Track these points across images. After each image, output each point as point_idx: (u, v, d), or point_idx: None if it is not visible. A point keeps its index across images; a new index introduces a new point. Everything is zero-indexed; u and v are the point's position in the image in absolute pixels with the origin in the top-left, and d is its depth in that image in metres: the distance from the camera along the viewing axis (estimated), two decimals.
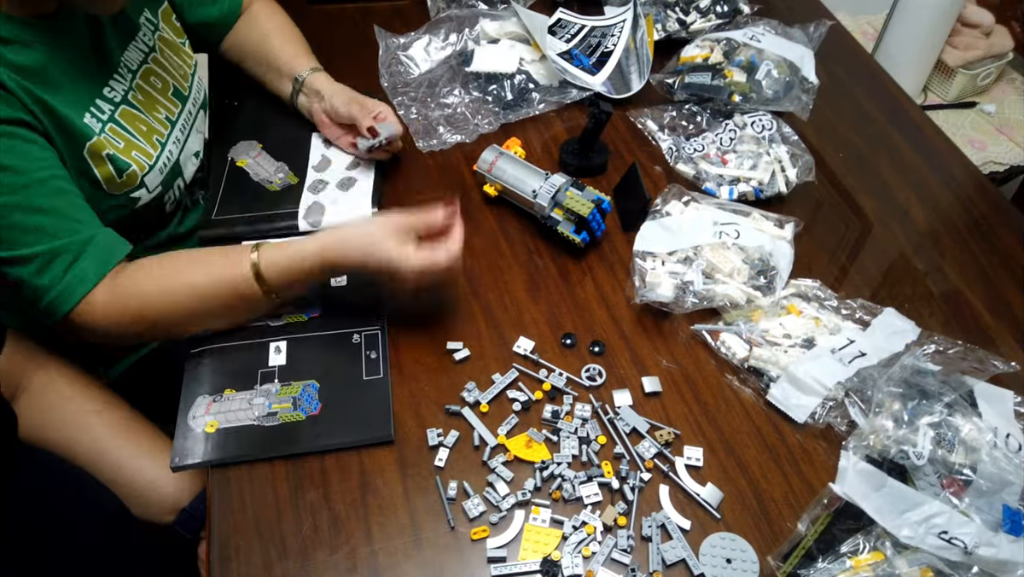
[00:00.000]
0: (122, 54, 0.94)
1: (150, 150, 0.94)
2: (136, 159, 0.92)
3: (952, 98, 1.99)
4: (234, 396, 0.86)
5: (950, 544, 0.72)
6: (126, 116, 0.92)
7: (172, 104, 1.00)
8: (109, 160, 0.88)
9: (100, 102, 0.89)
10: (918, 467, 0.77)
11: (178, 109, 1.01)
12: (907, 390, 0.83)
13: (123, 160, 0.90)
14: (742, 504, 0.80)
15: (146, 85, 0.97)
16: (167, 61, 1.01)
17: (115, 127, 0.90)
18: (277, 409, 0.85)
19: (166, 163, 0.97)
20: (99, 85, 0.90)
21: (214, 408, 0.85)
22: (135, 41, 0.97)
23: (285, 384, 0.87)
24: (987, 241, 1.09)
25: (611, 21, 1.28)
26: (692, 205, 1.04)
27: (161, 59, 1.00)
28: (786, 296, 0.95)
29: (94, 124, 0.88)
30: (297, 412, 0.85)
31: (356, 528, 0.77)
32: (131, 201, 0.93)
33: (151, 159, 0.94)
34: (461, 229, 0.88)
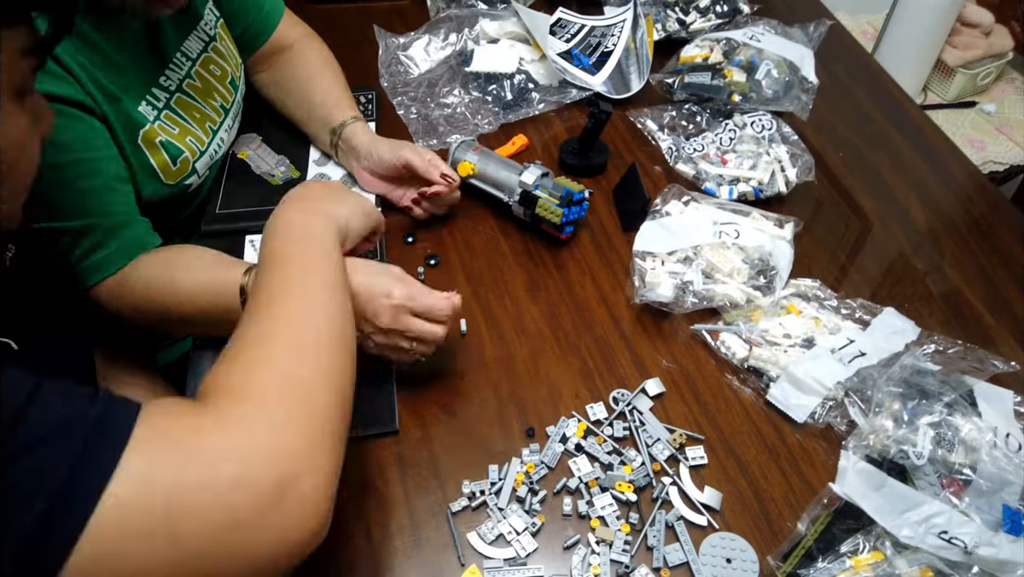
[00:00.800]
0: (181, 43, 0.95)
1: (203, 136, 0.96)
2: (189, 144, 0.93)
3: (952, 98, 1.99)
4: None
5: (950, 544, 0.72)
6: (180, 103, 0.94)
7: (228, 92, 1.02)
8: (163, 147, 0.90)
9: (156, 90, 0.91)
10: (918, 467, 0.77)
11: (232, 98, 1.03)
12: (907, 390, 0.83)
13: (176, 146, 0.91)
14: (742, 504, 0.80)
15: (205, 72, 0.98)
16: (226, 50, 1.03)
17: (170, 113, 0.92)
18: None
19: (216, 150, 0.99)
20: (155, 75, 0.91)
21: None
22: (197, 31, 0.98)
23: None
24: (987, 241, 1.09)
25: (611, 21, 1.28)
26: (692, 205, 1.04)
27: (221, 48, 1.01)
28: (786, 296, 0.95)
29: (149, 112, 0.89)
30: None
31: (356, 528, 0.77)
32: (184, 187, 0.95)
33: (203, 145, 0.96)
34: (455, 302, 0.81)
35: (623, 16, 1.28)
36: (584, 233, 1.05)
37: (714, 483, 0.81)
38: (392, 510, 0.78)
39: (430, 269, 1.01)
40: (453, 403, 0.87)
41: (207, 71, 0.99)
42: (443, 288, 0.92)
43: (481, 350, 0.92)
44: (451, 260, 1.01)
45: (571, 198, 0.97)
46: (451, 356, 0.91)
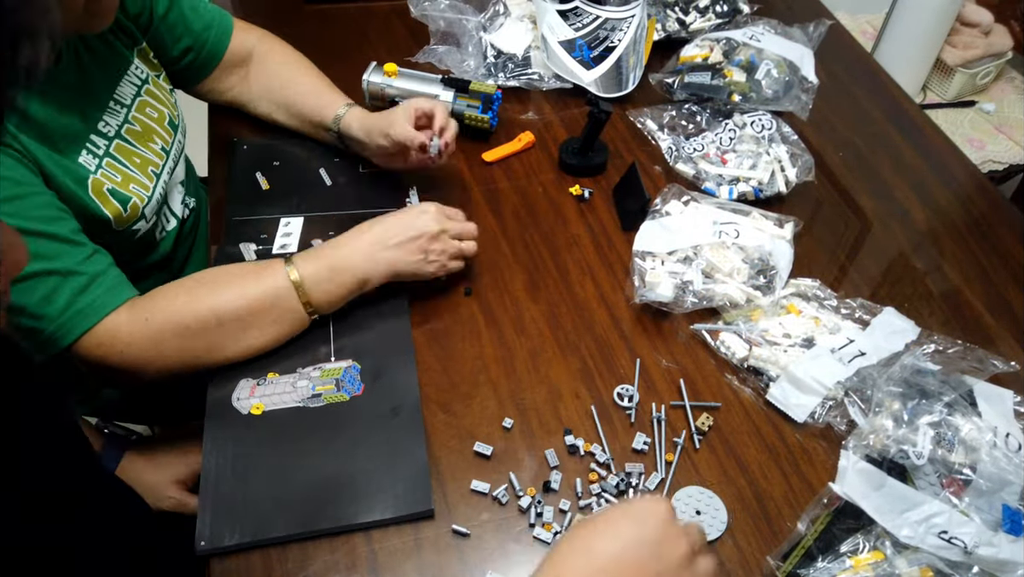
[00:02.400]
0: (115, 89, 0.92)
1: (147, 181, 0.92)
2: (135, 192, 0.90)
3: (951, 97, 1.99)
4: (277, 379, 0.86)
5: (950, 544, 0.72)
6: (120, 150, 0.90)
7: (167, 133, 0.98)
8: (112, 196, 0.87)
9: (95, 137, 0.87)
10: (918, 467, 0.77)
11: (171, 138, 0.99)
12: (907, 390, 0.83)
13: (123, 193, 0.88)
14: (742, 503, 0.80)
15: (143, 116, 0.95)
16: (160, 92, 0.99)
17: (111, 161, 0.88)
18: (321, 391, 0.85)
19: (162, 192, 0.95)
20: (93, 121, 0.88)
21: (258, 391, 0.85)
22: (128, 75, 0.94)
23: (327, 365, 0.87)
24: (987, 240, 1.09)
25: (624, 15, 1.27)
26: (692, 205, 1.04)
27: (155, 90, 0.98)
28: (786, 296, 0.95)
29: (90, 162, 0.85)
30: (341, 393, 0.85)
31: (356, 528, 0.77)
32: (132, 233, 0.92)
33: (149, 190, 0.92)
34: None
35: (634, 11, 1.27)
36: (584, 233, 1.06)
37: (714, 483, 0.81)
38: None
39: None
40: (452, 403, 0.87)
41: (144, 115, 0.95)
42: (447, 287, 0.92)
43: (481, 350, 0.92)
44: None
45: (490, 101, 1.03)
46: (450, 354, 0.91)
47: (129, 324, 0.80)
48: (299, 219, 1.03)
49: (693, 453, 0.84)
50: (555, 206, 1.09)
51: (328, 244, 0.89)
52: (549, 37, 1.24)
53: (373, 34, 1.37)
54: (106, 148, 0.88)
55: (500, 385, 0.89)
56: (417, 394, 0.86)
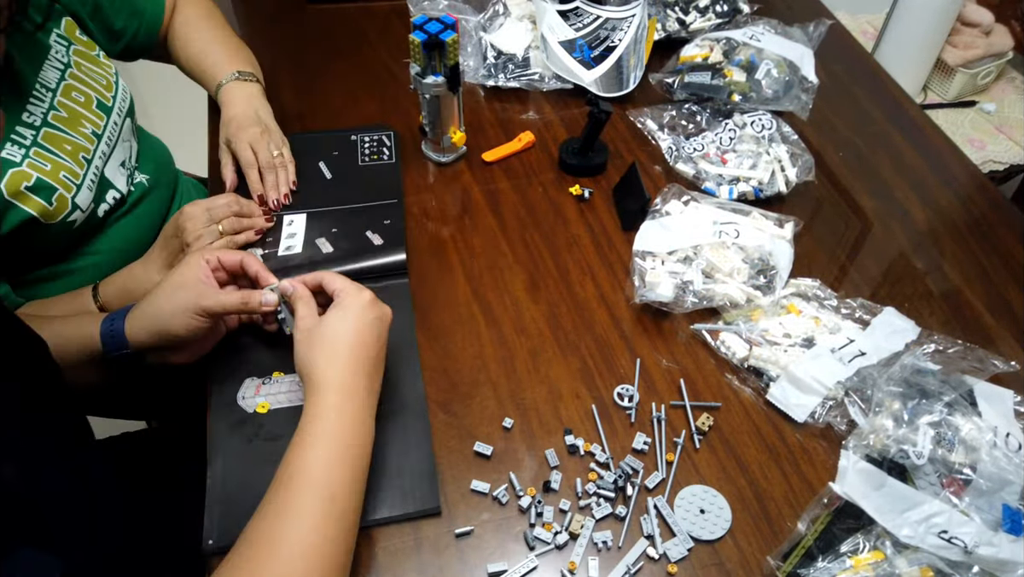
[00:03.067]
0: (37, 75, 0.91)
1: (76, 169, 0.91)
2: (63, 180, 0.89)
3: (952, 97, 1.99)
4: (283, 378, 0.87)
5: (950, 544, 0.72)
6: (49, 138, 0.90)
7: (97, 117, 0.97)
8: (33, 193, 0.86)
9: (21, 128, 0.87)
10: (918, 466, 0.77)
11: (103, 121, 0.98)
12: (907, 389, 0.83)
13: (48, 184, 0.87)
14: (742, 503, 0.80)
15: (68, 101, 0.94)
16: (85, 74, 0.98)
17: (39, 150, 0.88)
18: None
19: (94, 179, 0.95)
20: (17, 112, 0.87)
21: (264, 390, 0.85)
22: (48, 60, 0.93)
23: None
24: (987, 240, 1.09)
25: (624, 14, 1.27)
26: (692, 204, 1.04)
27: (79, 73, 0.97)
28: (786, 296, 0.95)
29: (16, 153, 0.85)
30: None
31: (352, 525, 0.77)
32: (68, 225, 0.92)
33: (78, 178, 0.91)
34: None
35: (634, 11, 1.27)
36: (584, 233, 1.05)
37: (714, 483, 0.81)
38: None
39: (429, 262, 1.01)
40: (452, 403, 0.87)
41: (70, 99, 0.94)
42: (447, 287, 0.92)
43: (481, 350, 0.92)
44: (451, 260, 1.01)
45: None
46: (448, 355, 0.91)
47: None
48: (302, 216, 1.03)
49: (693, 453, 0.84)
50: (555, 206, 1.09)
51: (133, 268, 0.93)
52: (549, 37, 1.25)
53: (373, 34, 1.37)
54: (33, 138, 0.88)
55: (500, 385, 0.89)
56: (422, 392, 0.87)
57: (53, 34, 0.96)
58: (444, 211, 1.08)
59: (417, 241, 1.03)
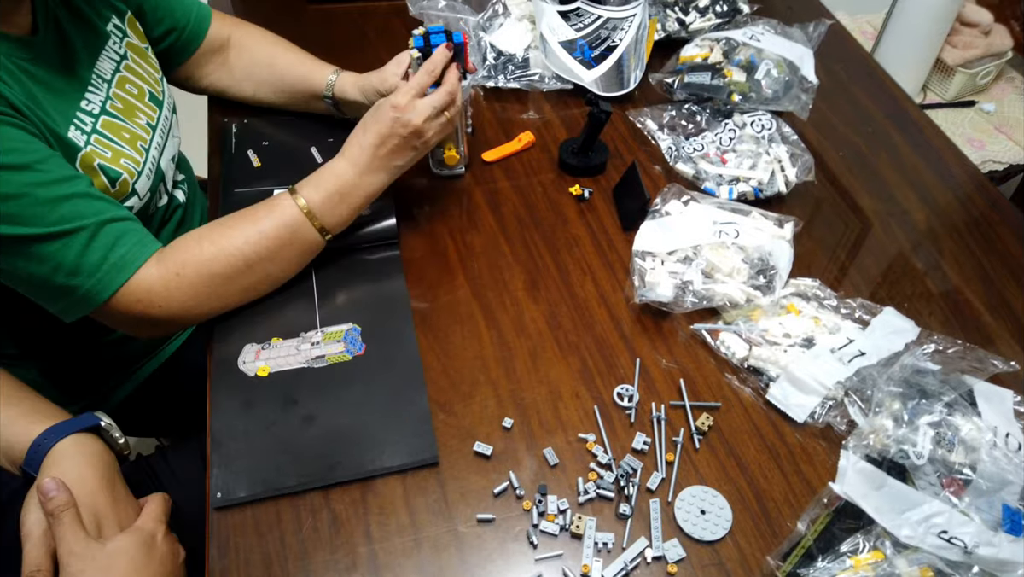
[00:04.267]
0: (94, 65, 0.92)
1: (136, 156, 0.93)
2: (125, 166, 0.90)
3: (951, 97, 1.99)
4: (281, 344, 0.89)
5: (950, 544, 0.72)
6: (108, 126, 0.91)
7: (151, 109, 0.99)
8: (101, 171, 0.87)
9: (80, 115, 0.88)
10: (918, 467, 0.77)
11: (156, 114, 0.99)
12: (907, 389, 0.83)
13: (114, 169, 0.89)
14: (742, 503, 0.80)
15: (123, 92, 0.95)
16: (139, 67, 0.99)
17: (100, 137, 0.89)
18: (325, 352, 0.88)
19: (152, 168, 0.96)
20: (76, 99, 0.88)
21: (263, 355, 0.88)
22: (106, 51, 0.95)
23: (329, 329, 0.91)
24: (987, 240, 1.09)
25: (625, 14, 1.27)
26: (691, 204, 1.04)
27: (133, 66, 0.98)
28: (785, 296, 0.95)
29: (79, 137, 0.86)
30: (344, 353, 0.88)
31: (356, 528, 0.77)
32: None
33: (139, 165, 0.93)
34: (452, 69, 0.95)
35: (635, 11, 1.27)
36: (584, 233, 1.06)
37: (714, 483, 0.81)
38: (392, 510, 0.78)
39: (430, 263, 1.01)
40: (452, 402, 0.87)
41: (124, 91, 0.95)
42: (447, 287, 0.92)
43: (481, 350, 0.92)
44: (451, 260, 1.01)
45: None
46: (448, 355, 0.91)
47: (163, 280, 0.84)
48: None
49: (693, 453, 0.84)
50: (555, 206, 1.09)
51: (327, 169, 0.92)
52: (549, 37, 1.25)
53: (373, 34, 1.37)
54: (93, 125, 0.89)
55: (500, 385, 0.89)
56: (416, 348, 0.90)
57: (111, 23, 0.97)
58: (444, 211, 1.08)
59: (416, 241, 1.03)
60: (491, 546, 0.76)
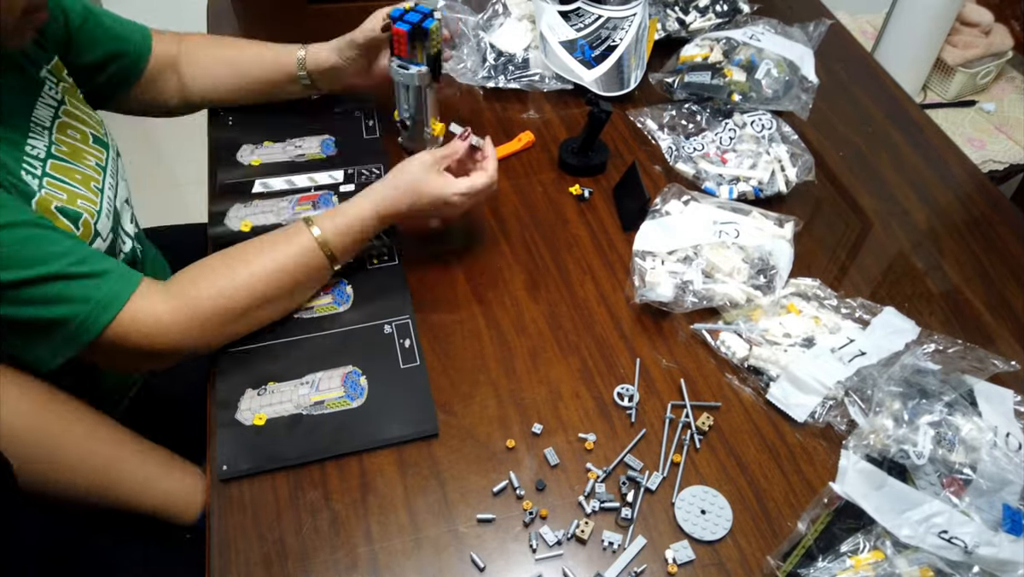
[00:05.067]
0: (31, 113, 0.87)
1: (92, 196, 0.89)
2: (84, 207, 0.86)
3: (952, 97, 1.99)
4: (278, 387, 0.87)
5: (950, 544, 0.72)
6: (57, 168, 0.86)
7: (97, 151, 0.94)
8: (61, 213, 0.83)
9: (28, 160, 0.83)
10: (918, 466, 0.77)
11: (104, 155, 0.95)
12: (907, 389, 0.83)
13: (73, 210, 0.84)
14: (742, 503, 0.80)
15: (65, 138, 0.90)
16: (78, 111, 0.95)
17: (51, 180, 0.84)
18: (324, 397, 0.86)
19: (109, 208, 0.92)
20: (20, 145, 0.83)
21: (259, 401, 0.86)
22: (42, 97, 0.89)
23: (328, 370, 0.89)
24: (987, 240, 1.09)
25: (625, 13, 1.27)
26: (692, 204, 1.04)
27: (72, 110, 0.94)
28: (786, 295, 0.95)
29: (32, 181, 0.81)
30: (344, 399, 0.86)
31: (356, 528, 0.77)
32: None
33: (96, 204, 0.89)
34: (493, 153, 0.96)
35: (635, 10, 1.27)
36: (584, 232, 1.05)
37: (714, 483, 0.81)
38: (392, 510, 0.78)
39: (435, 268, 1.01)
40: (452, 402, 0.87)
41: (66, 136, 0.90)
42: (447, 287, 0.93)
43: (481, 349, 0.92)
44: (450, 259, 1.01)
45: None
46: (448, 355, 0.91)
47: (173, 312, 0.81)
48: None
49: (693, 453, 0.84)
50: (555, 206, 1.09)
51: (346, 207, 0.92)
52: (549, 37, 1.25)
53: None
54: (42, 168, 0.84)
55: (500, 385, 0.89)
56: (412, 318, 0.94)
57: (43, 70, 0.93)
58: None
59: (415, 242, 1.03)
60: (491, 546, 0.76)
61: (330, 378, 0.87)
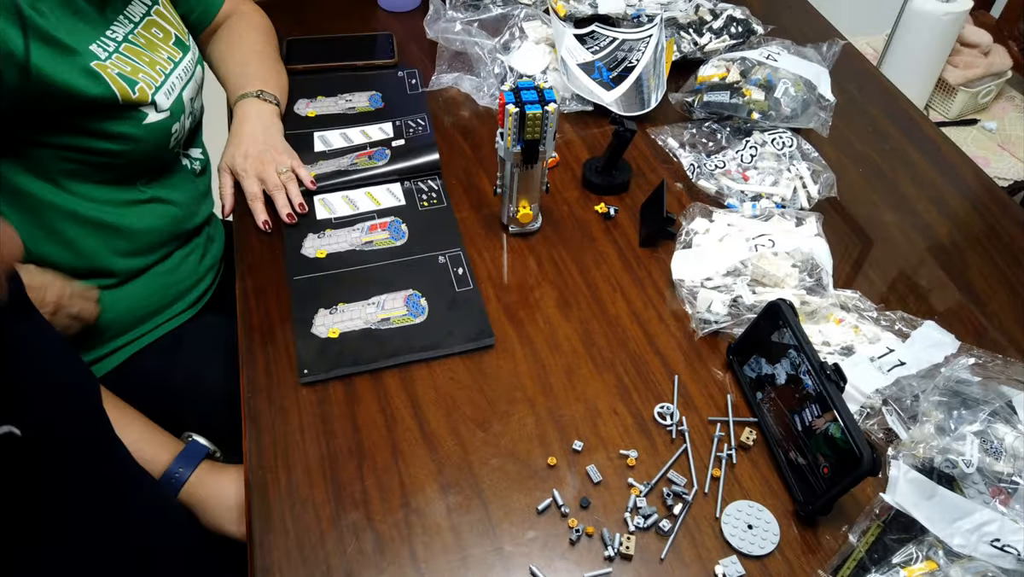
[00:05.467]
0: (125, 6, 0.99)
1: (155, 75, 0.98)
2: (144, 80, 0.95)
3: (954, 116, 2.01)
4: (347, 307, 0.96)
5: (1003, 552, 0.71)
6: (130, 50, 0.96)
7: (174, 51, 1.04)
8: (120, 78, 0.92)
9: (103, 39, 0.93)
10: (967, 475, 0.77)
11: (179, 56, 1.04)
12: (950, 399, 0.82)
13: (131, 79, 0.93)
14: (788, 517, 0.79)
15: (147, 33, 1.01)
16: (170, 15, 1.06)
17: (121, 56, 0.94)
18: (389, 315, 0.95)
19: (171, 90, 1.00)
20: (102, 28, 0.93)
21: (332, 319, 0.94)
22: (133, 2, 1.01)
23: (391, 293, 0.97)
24: (1010, 253, 1.10)
25: (641, 35, 1.29)
26: (717, 220, 1.04)
27: (164, 12, 1.05)
28: (825, 305, 0.95)
29: (100, 51, 0.91)
30: (408, 316, 0.95)
31: (401, 548, 0.76)
32: (140, 118, 0.95)
33: (158, 81, 0.98)
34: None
35: (651, 32, 1.29)
36: (611, 250, 1.06)
37: (758, 497, 0.81)
38: (436, 530, 0.77)
39: None
40: (490, 420, 0.86)
41: (149, 32, 1.01)
42: None
43: (515, 367, 0.91)
44: (480, 277, 1.01)
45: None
46: (484, 372, 0.91)
47: None
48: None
49: (736, 467, 0.83)
50: (581, 224, 1.09)
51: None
52: (568, 60, 1.26)
53: (378, 27, 1.38)
54: (116, 47, 0.94)
55: (537, 402, 0.88)
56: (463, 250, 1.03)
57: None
58: (469, 231, 1.07)
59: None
60: (539, 564, 0.75)
61: (394, 299, 0.97)
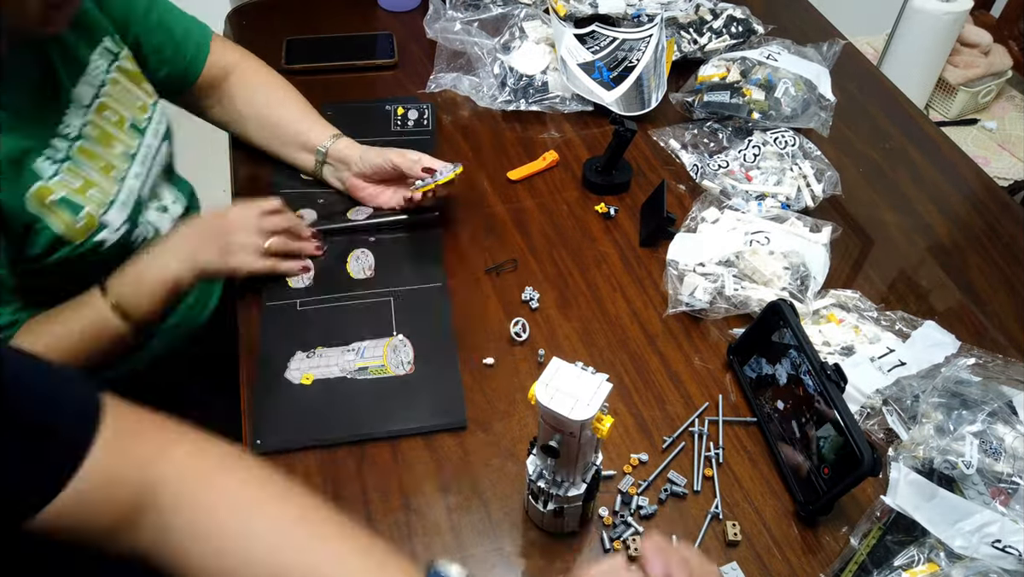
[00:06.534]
0: (73, 89, 0.90)
1: (108, 187, 0.90)
2: (92, 197, 0.88)
3: (954, 115, 2.01)
4: (325, 352, 0.92)
5: (1004, 552, 0.71)
6: (83, 152, 0.89)
7: (129, 138, 0.95)
8: (62, 205, 0.84)
9: (56, 141, 0.86)
10: (967, 476, 0.77)
11: (136, 143, 0.96)
12: (949, 400, 0.82)
13: (75, 203, 0.85)
14: (788, 518, 0.79)
15: (100, 120, 0.92)
16: (122, 95, 0.96)
17: (72, 166, 0.87)
18: (368, 364, 0.91)
19: (127, 198, 0.93)
20: (54, 123, 0.86)
21: (308, 363, 0.91)
22: (84, 75, 0.91)
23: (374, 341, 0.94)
24: (1010, 252, 1.09)
25: (641, 35, 1.29)
26: (728, 212, 1.04)
27: (114, 92, 0.95)
28: (826, 306, 0.95)
29: (46, 168, 0.84)
30: (387, 366, 0.91)
31: (401, 549, 0.75)
32: (96, 245, 0.89)
33: (108, 196, 0.90)
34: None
35: (651, 32, 1.28)
36: (612, 250, 1.05)
37: (758, 496, 0.81)
38: (436, 531, 0.77)
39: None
40: (491, 421, 0.86)
41: (102, 118, 0.92)
42: (478, 305, 0.92)
43: (515, 366, 0.91)
44: (481, 278, 1.01)
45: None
46: (484, 372, 0.90)
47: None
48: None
49: (737, 467, 0.83)
50: (581, 224, 1.09)
51: (142, 256, 0.92)
52: (568, 59, 1.25)
53: (378, 26, 1.37)
54: (66, 151, 0.87)
55: None
56: (449, 320, 0.96)
57: (98, 48, 0.94)
58: (470, 230, 1.07)
59: (446, 260, 1.03)
60: (540, 564, 0.75)
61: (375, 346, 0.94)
